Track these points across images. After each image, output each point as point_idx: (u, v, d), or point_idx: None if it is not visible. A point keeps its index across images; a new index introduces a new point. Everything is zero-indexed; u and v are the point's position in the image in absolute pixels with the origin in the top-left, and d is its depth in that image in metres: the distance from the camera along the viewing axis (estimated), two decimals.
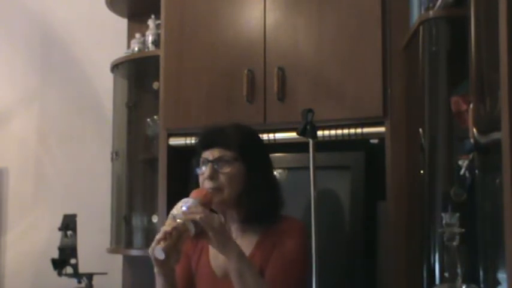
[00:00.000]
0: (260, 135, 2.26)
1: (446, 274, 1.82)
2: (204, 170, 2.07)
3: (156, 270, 1.91)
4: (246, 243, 2.07)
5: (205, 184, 2.06)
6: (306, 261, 1.91)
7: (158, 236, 1.84)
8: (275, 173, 2.64)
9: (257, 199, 2.04)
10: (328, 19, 2.64)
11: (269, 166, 2.17)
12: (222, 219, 2.04)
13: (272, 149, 2.75)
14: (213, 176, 2.04)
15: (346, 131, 2.59)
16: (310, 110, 1.95)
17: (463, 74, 1.88)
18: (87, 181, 3.72)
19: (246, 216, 2.07)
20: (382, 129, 2.55)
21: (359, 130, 2.58)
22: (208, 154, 2.08)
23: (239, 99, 2.73)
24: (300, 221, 2.11)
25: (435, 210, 2.05)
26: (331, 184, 2.63)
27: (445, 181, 2.07)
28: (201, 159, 2.10)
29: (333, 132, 2.60)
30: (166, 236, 1.83)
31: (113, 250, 3.30)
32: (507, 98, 1.40)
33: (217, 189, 2.04)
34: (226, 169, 2.04)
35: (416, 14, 2.36)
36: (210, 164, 2.05)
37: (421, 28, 2.21)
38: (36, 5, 3.98)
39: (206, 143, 2.11)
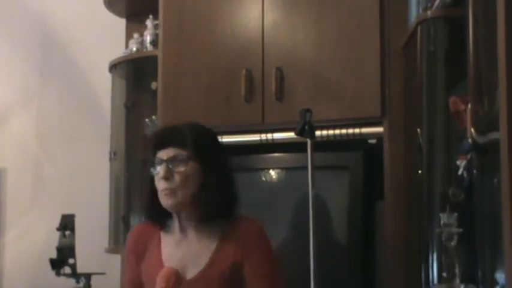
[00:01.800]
0: (217, 134, 2.20)
1: (444, 274, 1.83)
2: (158, 170, 2.04)
3: None
4: (204, 245, 2.05)
5: (160, 185, 2.02)
6: (277, 259, 2.03)
7: None
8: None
9: (213, 198, 2.01)
10: (327, 19, 2.64)
11: (225, 165, 2.11)
12: None
13: (270, 149, 2.77)
14: (167, 176, 2.00)
15: (344, 131, 2.59)
16: (308, 110, 1.95)
17: (461, 74, 1.88)
18: (86, 181, 3.71)
19: (202, 216, 2.04)
20: (380, 129, 2.55)
21: (357, 130, 2.58)
22: (163, 154, 2.03)
23: (237, 99, 2.73)
24: (258, 221, 2.09)
25: (433, 210, 2.05)
26: (329, 184, 2.62)
27: (443, 181, 2.07)
28: (156, 160, 2.05)
29: (331, 132, 2.60)
30: None
31: (111, 250, 3.30)
32: (505, 98, 1.40)
33: (172, 190, 2.00)
34: (181, 168, 2.00)
35: (414, 14, 2.36)
36: (164, 164, 2.01)
37: (419, 28, 2.21)
38: (35, 6, 3.97)
39: (160, 142, 2.07)
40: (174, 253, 2.08)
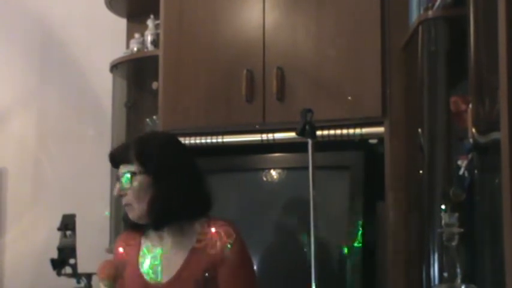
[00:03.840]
0: (177, 140, 2.22)
1: (445, 274, 1.82)
2: None
3: None
4: (177, 250, 2.09)
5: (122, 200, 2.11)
6: (252, 264, 2.09)
7: None
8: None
9: (160, 207, 2.04)
10: (327, 19, 2.64)
11: (183, 170, 2.11)
12: None
13: (271, 149, 2.77)
14: (120, 194, 2.10)
15: (345, 131, 2.59)
16: (309, 110, 1.96)
17: (462, 74, 1.88)
18: (86, 181, 3.71)
19: (157, 222, 2.08)
20: (381, 129, 2.55)
21: (358, 130, 2.58)
22: (118, 172, 2.14)
23: (238, 99, 2.72)
24: (232, 225, 2.09)
25: (434, 210, 2.05)
26: (330, 184, 2.62)
27: (444, 181, 2.07)
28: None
29: (331, 132, 2.60)
30: None
31: (112, 250, 3.29)
32: (506, 98, 1.40)
33: (129, 204, 2.09)
34: (132, 183, 2.07)
35: (415, 14, 2.36)
36: (118, 182, 2.11)
37: (420, 28, 2.21)
38: (35, 5, 3.97)
39: (114, 162, 2.18)
40: (149, 257, 2.13)
